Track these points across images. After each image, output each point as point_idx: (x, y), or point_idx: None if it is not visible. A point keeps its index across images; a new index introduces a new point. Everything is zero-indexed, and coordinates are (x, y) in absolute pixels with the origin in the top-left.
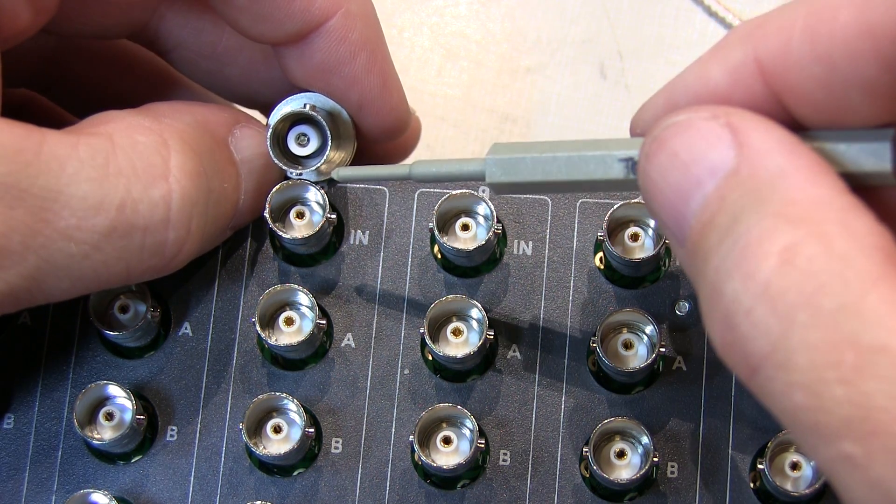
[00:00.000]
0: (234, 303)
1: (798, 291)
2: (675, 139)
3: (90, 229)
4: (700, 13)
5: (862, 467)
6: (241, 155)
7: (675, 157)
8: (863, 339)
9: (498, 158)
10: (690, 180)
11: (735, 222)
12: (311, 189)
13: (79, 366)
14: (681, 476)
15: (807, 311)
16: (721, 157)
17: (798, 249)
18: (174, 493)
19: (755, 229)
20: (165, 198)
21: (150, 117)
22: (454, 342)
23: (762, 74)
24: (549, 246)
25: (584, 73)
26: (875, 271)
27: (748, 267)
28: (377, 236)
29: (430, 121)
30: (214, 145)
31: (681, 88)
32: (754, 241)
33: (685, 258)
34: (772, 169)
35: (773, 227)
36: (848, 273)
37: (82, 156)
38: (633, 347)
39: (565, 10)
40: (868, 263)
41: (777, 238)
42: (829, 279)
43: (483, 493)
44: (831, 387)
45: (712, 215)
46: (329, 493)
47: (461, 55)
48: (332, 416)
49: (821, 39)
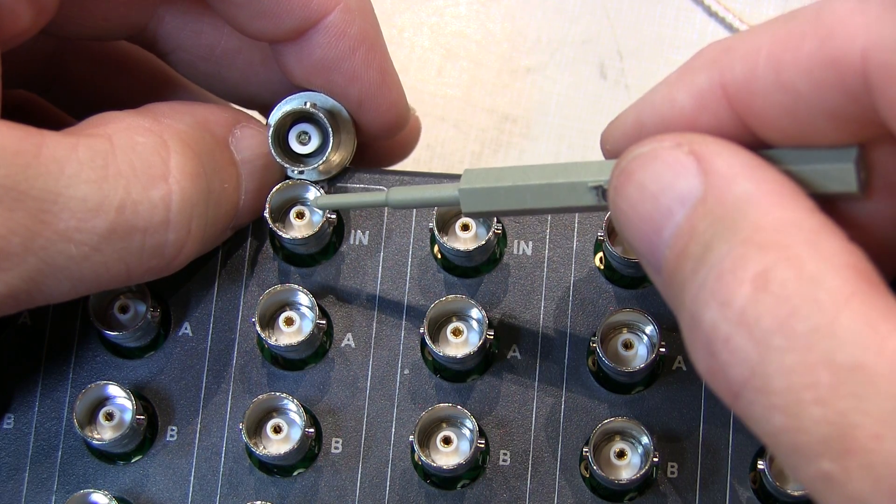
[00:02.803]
0: (234, 303)
1: (772, 316)
2: (641, 171)
3: (90, 231)
4: (700, 13)
5: (840, 484)
6: (242, 155)
7: (643, 188)
8: (837, 359)
9: (471, 189)
10: (661, 211)
11: (707, 251)
12: (311, 189)
13: (79, 366)
14: (681, 476)
15: (782, 335)
16: (688, 185)
17: (770, 275)
18: (174, 493)
19: (727, 258)
20: (165, 199)
21: (150, 118)
22: (454, 342)
23: (727, 99)
24: (549, 246)
25: (584, 73)
26: (847, 290)
27: (723, 295)
28: (377, 236)
29: (430, 121)
30: (215, 146)
31: (648, 109)
32: (727, 270)
33: (662, 286)
34: (738, 194)
35: (744, 254)
36: (820, 294)
37: (81, 157)
38: (633, 347)
39: (565, 10)
40: (839, 283)
41: (749, 265)
42: (802, 302)
43: (483, 493)
44: (808, 407)
45: (685, 245)
46: (329, 493)
47: (461, 55)
48: (332, 416)
49: (785, 69)
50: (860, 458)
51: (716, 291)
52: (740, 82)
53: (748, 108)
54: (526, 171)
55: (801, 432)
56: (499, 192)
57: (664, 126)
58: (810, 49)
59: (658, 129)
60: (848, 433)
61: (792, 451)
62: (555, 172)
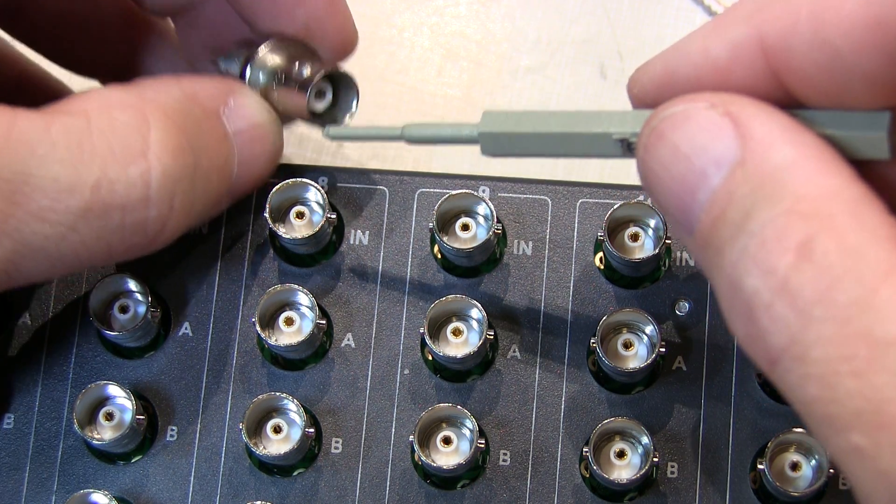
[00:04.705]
0: (234, 303)
1: (814, 287)
2: (674, 131)
3: (64, 211)
4: (700, 13)
5: (871, 458)
6: (235, 126)
7: (676, 149)
8: (875, 333)
9: (491, 133)
10: (695, 173)
11: (747, 218)
12: (311, 189)
13: (79, 366)
14: (681, 476)
15: (822, 306)
16: (725, 148)
17: (813, 245)
18: (174, 493)
19: (769, 226)
20: (144, 176)
21: (133, 93)
22: (454, 342)
23: (764, 53)
24: (549, 246)
25: (584, 73)
26: (888, 263)
27: (766, 263)
28: (377, 236)
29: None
30: (203, 118)
31: (681, 58)
32: (770, 238)
33: (695, 248)
34: (778, 161)
35: (787, 223)
36: (861, 267)
37: (54, 137)
38: (633, 347)
39: (565, 10)
40: (881, 256)
41: (792, 234)
42: (843, 273)
43: (483, 493)
44: (844, 379)
45: (722, 210)
46: (329, 493)
47: (461, 55)
48: (332, 416)
49: (825, 27)
50: (893, 433)
51: (759, 259)
52: (779, 38)
53: (785, 64)
54: (547, 118)
55: (835, 403)
56: (519, 138)
57: (696, 75)
58: (852, 8)
59: (688, 79)
60: (883, 408)
61: (824, 422)
62: (577, 121)
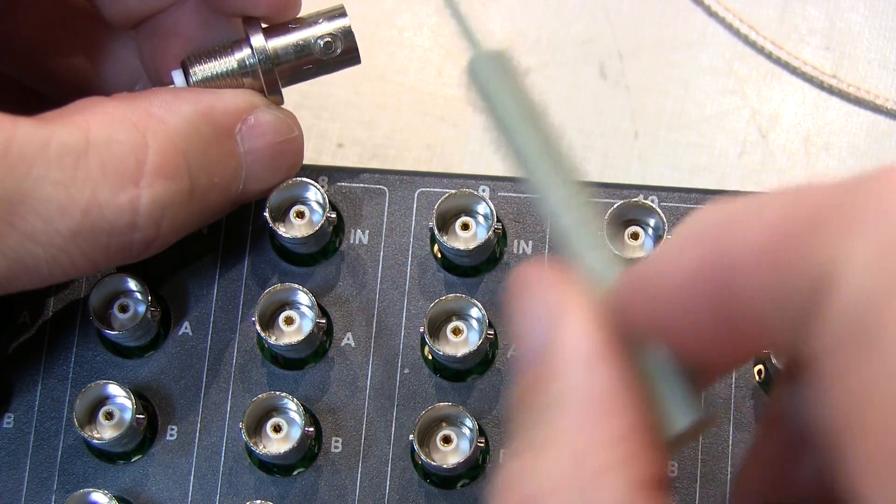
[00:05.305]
0: (234, 302)
1: None
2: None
3: (54, 233)
4: (700, 13)
5: None
6: (250, 145)
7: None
8: None
9: (476, 79)
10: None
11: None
12: (311, 188)
13: (79, 366)
14: (681, 476)
15: None
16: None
17: None
18: (174, 493)
19: None
20: (133, 202)
21: (139, 109)
22: (454, 341)
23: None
24: (548, 245)
25: (584, 73)
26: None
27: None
28: (377, 236)
29: (430, 121)
30: (213, 138)
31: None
32: None
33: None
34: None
35: None
36: None
37: (51, 157)
38: None
39: (565, 10)
40: None
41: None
42: None
43: (483, 493)
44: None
45: (520, 397)
46: (329, 492)
47: (461, 55)
48: (332, 415)
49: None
50: None
51: None
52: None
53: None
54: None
55: None
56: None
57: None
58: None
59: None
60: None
61: None
62: (556, 184)
